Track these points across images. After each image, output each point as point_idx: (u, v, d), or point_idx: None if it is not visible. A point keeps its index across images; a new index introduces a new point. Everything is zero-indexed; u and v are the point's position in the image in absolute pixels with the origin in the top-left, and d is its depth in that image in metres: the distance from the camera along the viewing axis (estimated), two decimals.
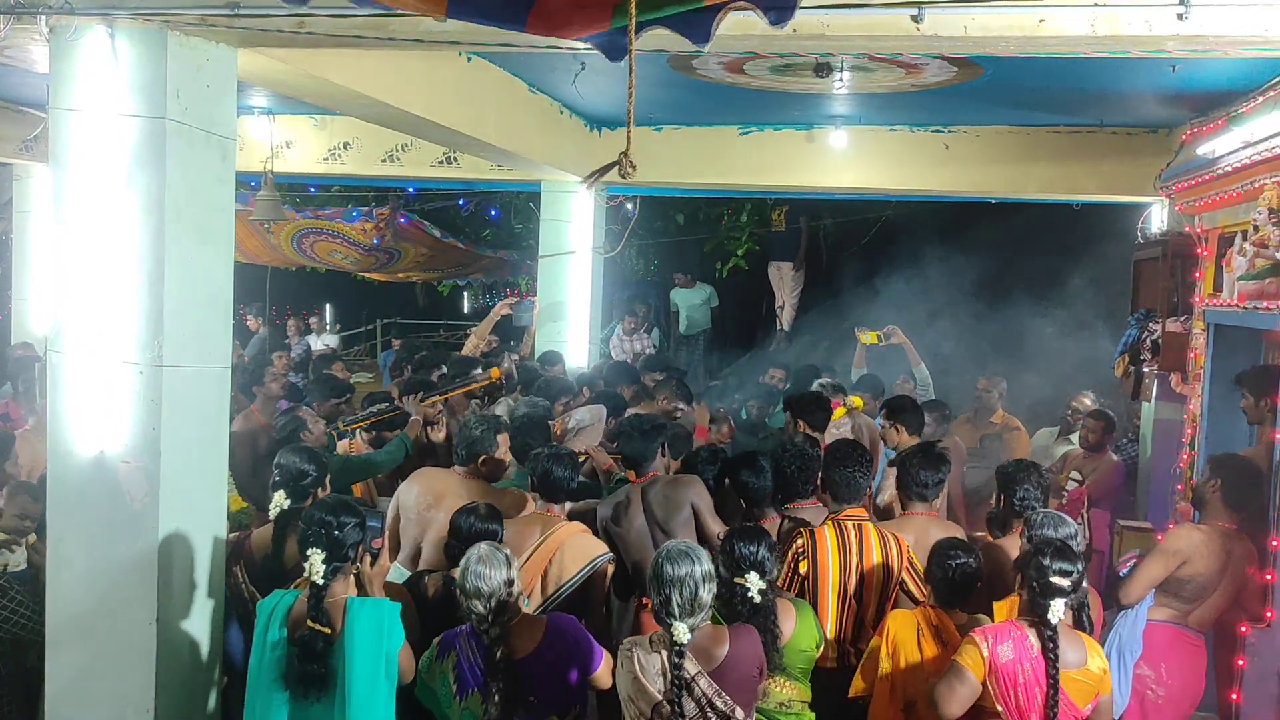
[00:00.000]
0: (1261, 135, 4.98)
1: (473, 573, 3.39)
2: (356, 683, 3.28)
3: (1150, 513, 7.00)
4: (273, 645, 3.39)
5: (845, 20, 3.60)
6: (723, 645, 3.34)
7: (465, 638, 3.47)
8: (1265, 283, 4.89)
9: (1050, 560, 3.46)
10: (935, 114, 7.55)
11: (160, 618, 3.69)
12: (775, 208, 12.75)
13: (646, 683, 3.27)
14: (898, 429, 5.67)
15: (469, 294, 18.85)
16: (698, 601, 3.26)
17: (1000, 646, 3.45)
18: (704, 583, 3.27)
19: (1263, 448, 4.85)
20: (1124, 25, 3.55)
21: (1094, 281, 10.43)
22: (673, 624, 3.24)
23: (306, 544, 3.38)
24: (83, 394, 3.69)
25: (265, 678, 3.39)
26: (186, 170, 3.69)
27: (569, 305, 8.63)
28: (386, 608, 3.39)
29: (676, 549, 3.34)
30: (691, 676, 3.25)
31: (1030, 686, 3.42)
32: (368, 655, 3.31)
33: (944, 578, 3.81)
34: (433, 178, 9.37)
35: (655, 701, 3.25)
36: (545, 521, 4.34)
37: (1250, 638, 4.46)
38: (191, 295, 3.74)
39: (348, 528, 3.41)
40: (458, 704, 3.43)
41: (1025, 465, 4.52)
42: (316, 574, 3.34)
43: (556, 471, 4.37)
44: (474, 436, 4.70)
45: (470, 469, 4.68)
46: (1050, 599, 3.43)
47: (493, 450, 4.70)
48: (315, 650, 3.31)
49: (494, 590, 3.37)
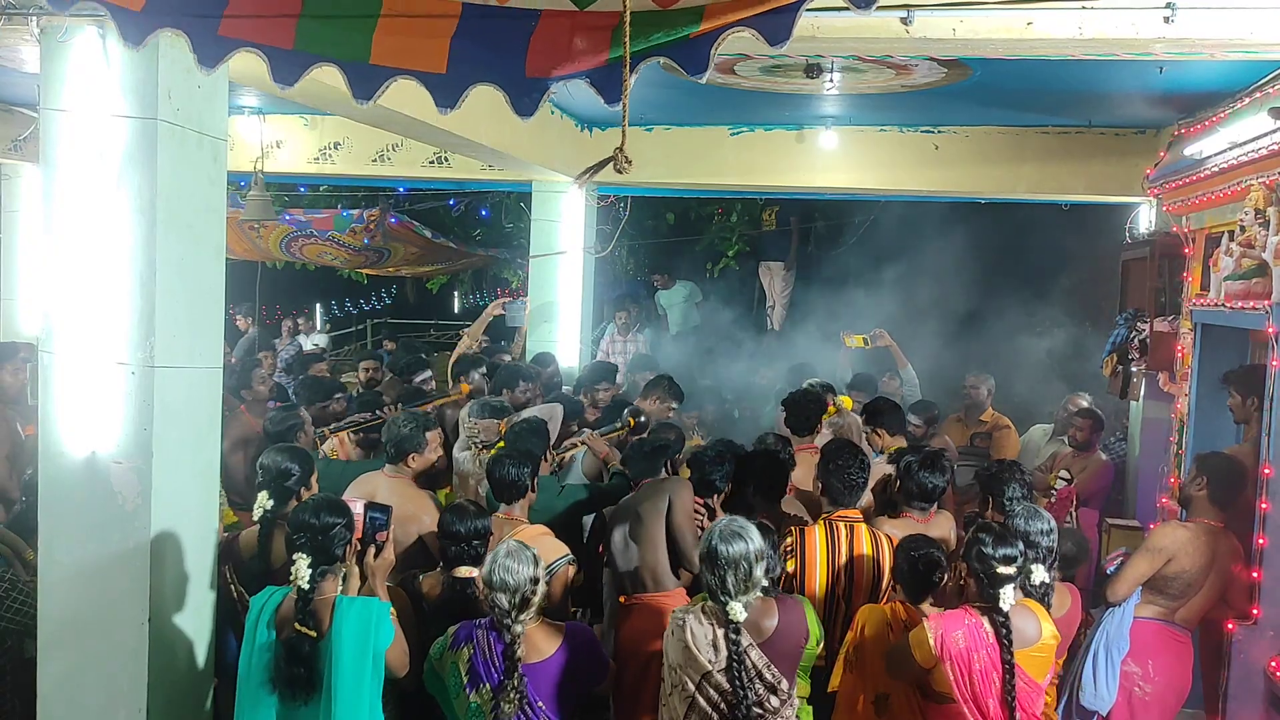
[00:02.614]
0: (1248, 136, 5.01)
1: (501, 566, 3.40)
2: (342, 681, 3.27)
3: (1138, 511, 7.04)
4: (261, 647, 3.39)
5: (835, 23, 3.62)
6: (772, 618, 3.43)
7: (484, 630, 3.46)
8: (1251, 283, 4.93)
9: (993, 548, 3.48)
10: (925, 115, 7.58)
11: (152, 618, 3.69)
12: (766, 208, 12.77)
13: (697, 652, 3.32)
14: (879, 432, 5.68)
15: (460, 293, 18.84)
16: (752, 580, 3.33)
17: (953, 634, 3.47)
18: (758, 561, 3.34)
19: (1249, 445, 4.89)
20: (1111, 28, 3.59)
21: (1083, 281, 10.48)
22: (729, 603, 3.31)
23: (294, 548, 3.38)
24: (74, 394, 3.69)
25: (254, 679, 3.39)
26: (178, 171, 3.69)
27: (560, 305, 8.63)
28: (375, 606, 3.38)
29: (729, 528, 3.39)
30: (744, 649, 3.31)
31: (988, 672, 3.45)
32: (354, 654, 3.30)
33: (909, 571, 3.82)
34: (424, 178, 9.36)
35: (705, 671, 3.30)
36: (503, 525, 4.27)
37: (1236, 634, 4.49)
38: (183, 295, 3.74)
39: (334, 529, 3.39)
40: (466, 696, 3.43)
41: (1008, 466, 4.55)
42: (302, 579, 3.33)
43: (511, 471, 4.32)
44: (402, 435, 4.61)
45: (399, 468, 4.62)
46: (999, 587, 3.45)
47: (422, 449, 4.63)
48: (301, 653, 3.31)
49: (519, 585, 3.39)
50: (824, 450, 4.55)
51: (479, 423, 5.67)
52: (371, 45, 2.93)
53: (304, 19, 2.98)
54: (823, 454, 4.52)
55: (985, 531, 3.56)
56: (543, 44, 2.73)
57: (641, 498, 4.48)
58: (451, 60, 2.86)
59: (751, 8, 2.56)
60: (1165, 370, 6.41)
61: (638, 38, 2.55)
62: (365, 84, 2.96)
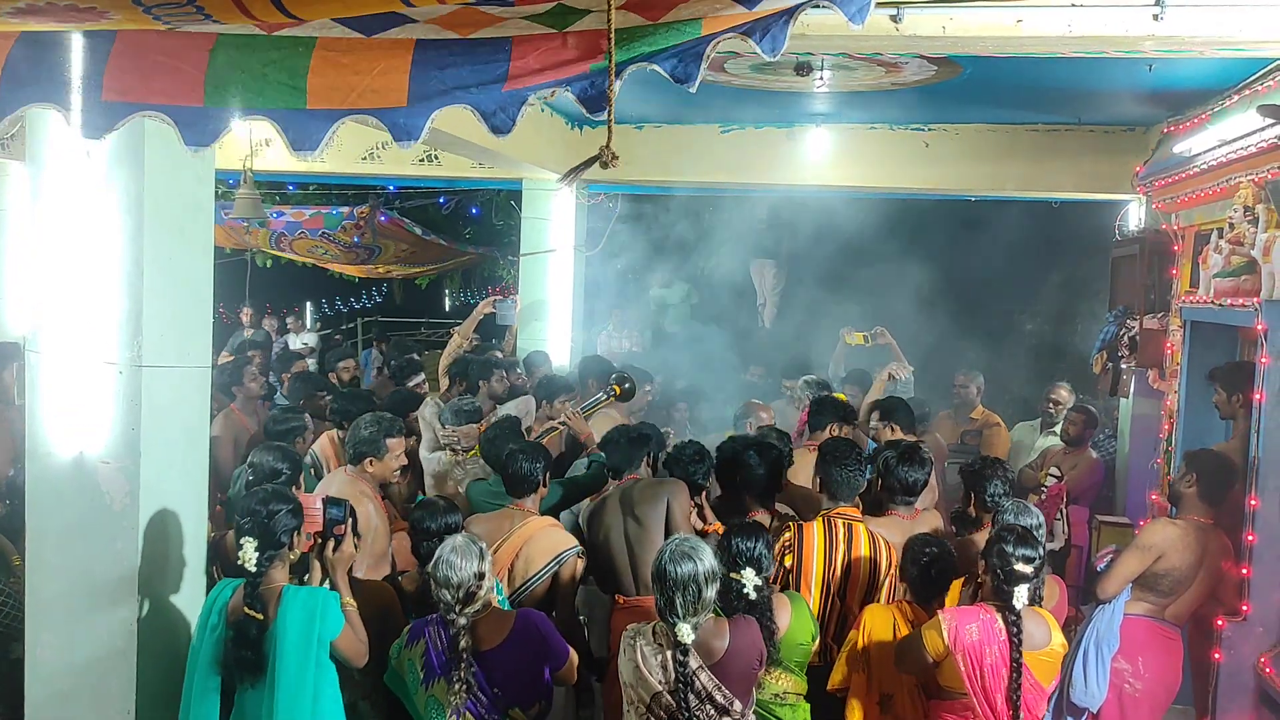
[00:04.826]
0: (1237, 134, 5.03)
1: (445, 562, 3.45)
2: (285, 668, 3.33)
3: (1128, 508, 7.07)
4: (211, 629, 3.46)
5: (826, 20, 3.62)
6: (723, 639, 3.36)
7: (434, 626, 3.52)
8: (1241, 280, 4.94)
9: (1013, 547, 3.54)
10: (915, 112, 7.59)
11: (141, 618, 3.68)
12: (756, 206, 12.76)
13: (647, 673, 3.30)
14: (893, 428, 5.67)
15: (450, 291, 18.80)
16: (701, 601, 3.26)
17: (967, 627, 3.52)
18: (708, 582, 3.27)
19: (1237, 442, 4.91)
20: (1101, 25, 3.60)
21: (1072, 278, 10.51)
22: (677, 624, 3.25)
23: (240, 532, 3.43)
24: (62, 394, 3.66)
25: (202, 661, 3.45)
26: (165, 169, 3.66)
27: (551, 303, 8.62)
28: (322, 595, 3.43)
29: (679, 549, 3.32)
30: (693, 671, 3.27)
31: (998, 668, 3.50)
32: (298, 640, 3.35)
33: (919, 574, 3.86)
34: (413, 176, 9.34)
35: (655, 691, 3.28)
36: (514, 516, 4.37)
37: (1226, 631, 4.50)
38: (171, 294, 3.72)
39: (278, 515, 3.45)
40: (424, 691, 3.48)
41: (991, 463, 4.57)
42: (249, 562, 3.39)
43: (524, 465, 4.39)
44: (361, 437, 4.58)
45: (358, 470, 4.59)
46: (1014, 585, 3.51)
47: (380, 454, 4.59)
48: (249, 636, 3.37)
49: (464, 581, 3.43)
50: (823, 447, 4.54)
51: (457, 429, 5.68)
52: (307, 90, 2.64)
53: (213, 71, 2.65)
54: (821, 451, 4.51)
55: (1008, 531, 3.63)
56: (521, 58, 2.58)
57: (638, 499, 4.48)
58: (413, 91, 2.60)
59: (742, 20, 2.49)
60: (1155, 367, 6.43)
61: (624, 49, 2.47)
62: (304, 132, 2.66)
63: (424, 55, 2.60)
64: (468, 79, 2.58)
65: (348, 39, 2.63)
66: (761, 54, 2.49)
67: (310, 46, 2.63)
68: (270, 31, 2.62)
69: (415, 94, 2.61)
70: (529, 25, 2.54)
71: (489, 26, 2.56)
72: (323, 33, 2.62)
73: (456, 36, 2.59)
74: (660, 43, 2.52)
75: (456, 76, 2.59)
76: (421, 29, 2.58)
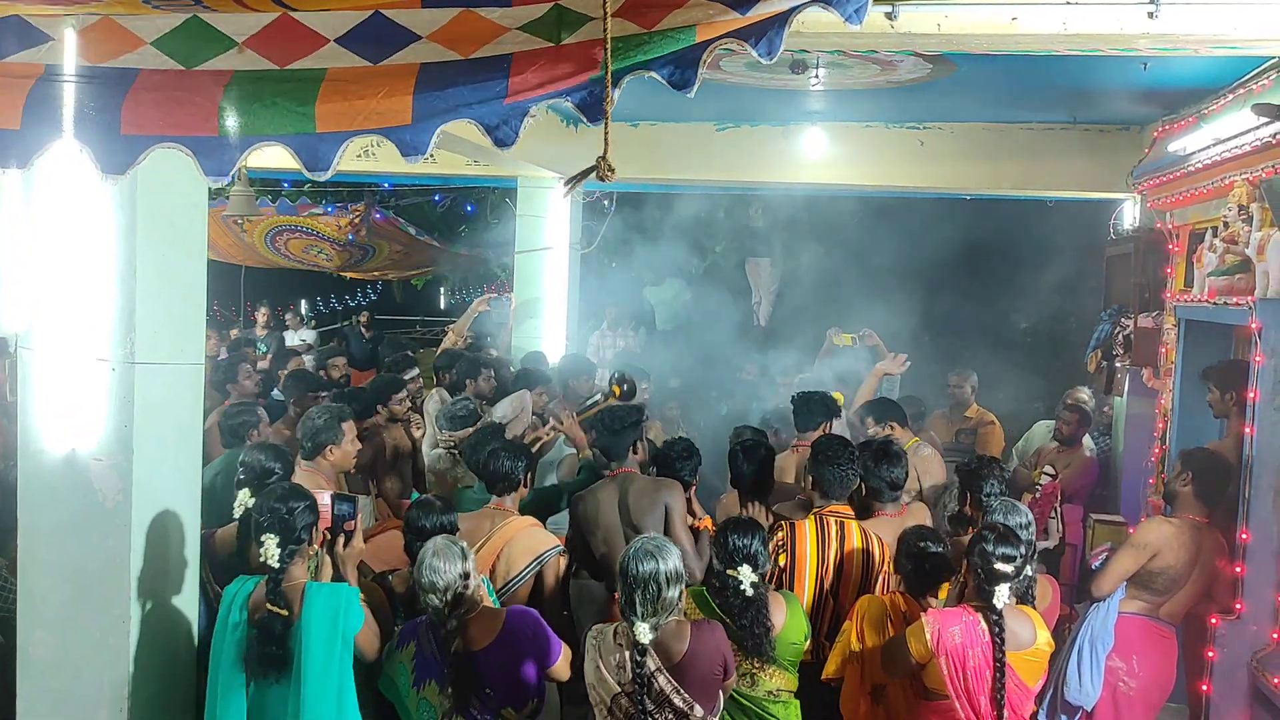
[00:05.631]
0: (1231, 133, 5.03)
1: (428, 567, 3.42)
2: (311, 664, 3.34)
3: (1122, 507, 7.07)
4: (234, 627, 3.46)
5: (820, 18, 3.60)
6: (682, 642, 3.31)
7: (424, 628, 3.51)
8: (1235, 279, 4.94)
9: (994, 546, 3.52)
10: (910, 110, 7.59)
11: (133, 615, 3.67)
12: (752, 203, 12.77)
13: (606, 673, 3.29)
14: (893, 426, 5.66)
15: (445, 288, 18.79)
16: (661, 602, 3.22)
17: (950, 629, 3.50)
18: (669, 583, 3.22)
19: (1232, 440, 4.91)
20: (1095, 23, 3.60)
21: (1067, 276, 10.52)
22: (635, 624, 3.22)
23: (260, 530, 3.43)
24: (54, 391, 3.65)
25: (226, 660, 3.45)
26: (159, 166, 3.64)
27: (545, 301, 8.61)
28: (344, 591, 3.45)
29: (643, 547, 3.30)
30: (650, 673, 3.23)
31: (981, 669, 3.48)
32: (323, 637, 3.36)
33: (914, 568, 3.84)
34: (409, 173, 9.32)
35: (615, 692, 3.27)
36: (494, 516, 4.33)
37: (1220, 629, 4.51)
38: (164, 292, 3.70)
39: (298, 511, 3.46)
40: (415, 694, 3.48)
41: (986, 462, 4.56)
42: (272, 558, 3.39)
43: (505, 463, 4.36)
44: (317, 426, 4.55)
45: (315, 463, 4.56)
46: (995, 585, 3.49)
47: (339, 440, 4.57)
48: (274, 632, 3.38)
49: (449, 584, 3.41)
50: (815, 445, 4.53)
51: (454, 435, 5.67)
52: (315, 115, 2.79)
53: (227, 101, 2.80)
54: (814, 448, 4.50)
55: (990, 530, 3.61)
56: (520, 74, 2.66)
57: (635, 507, 4.46)
58: (417, 110, 2.73)
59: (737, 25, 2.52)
60: (1149, 366, 6.43)
61: (621, 58, 2.51)
62: (316, 154, 2.84)
63: (428, 76, 2.72)
64: (469, 96, 2.68)
65: (355, 69, 2.78)
66: (758, 58, 2.50)
67: (320, 78, 2.80)
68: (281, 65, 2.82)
69: (419, 113, 2.73)
70: (527, 40, 2.64)
71: (488, 44, 2.67)
72: (332, 64, 2.79)
73: (458, 57, 2.70)
74: (656, 51, 2.57)
75: (459, 94, 2.69)
76: (424, 50, 2.72)
